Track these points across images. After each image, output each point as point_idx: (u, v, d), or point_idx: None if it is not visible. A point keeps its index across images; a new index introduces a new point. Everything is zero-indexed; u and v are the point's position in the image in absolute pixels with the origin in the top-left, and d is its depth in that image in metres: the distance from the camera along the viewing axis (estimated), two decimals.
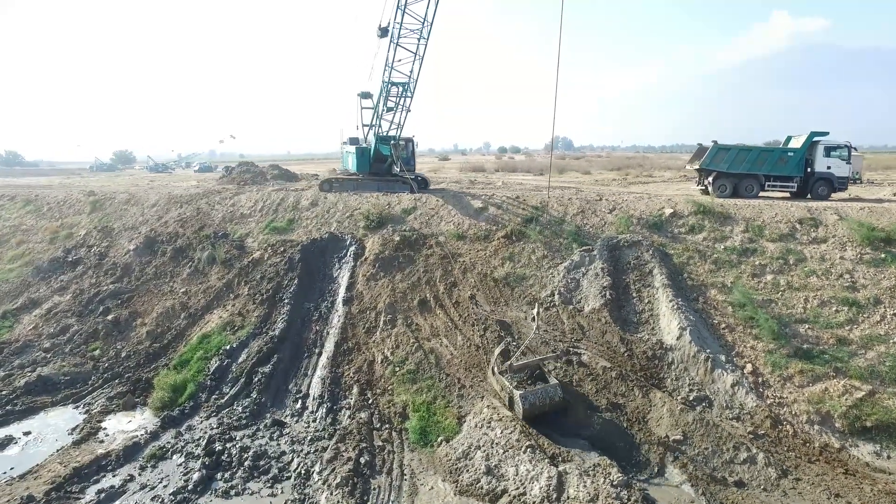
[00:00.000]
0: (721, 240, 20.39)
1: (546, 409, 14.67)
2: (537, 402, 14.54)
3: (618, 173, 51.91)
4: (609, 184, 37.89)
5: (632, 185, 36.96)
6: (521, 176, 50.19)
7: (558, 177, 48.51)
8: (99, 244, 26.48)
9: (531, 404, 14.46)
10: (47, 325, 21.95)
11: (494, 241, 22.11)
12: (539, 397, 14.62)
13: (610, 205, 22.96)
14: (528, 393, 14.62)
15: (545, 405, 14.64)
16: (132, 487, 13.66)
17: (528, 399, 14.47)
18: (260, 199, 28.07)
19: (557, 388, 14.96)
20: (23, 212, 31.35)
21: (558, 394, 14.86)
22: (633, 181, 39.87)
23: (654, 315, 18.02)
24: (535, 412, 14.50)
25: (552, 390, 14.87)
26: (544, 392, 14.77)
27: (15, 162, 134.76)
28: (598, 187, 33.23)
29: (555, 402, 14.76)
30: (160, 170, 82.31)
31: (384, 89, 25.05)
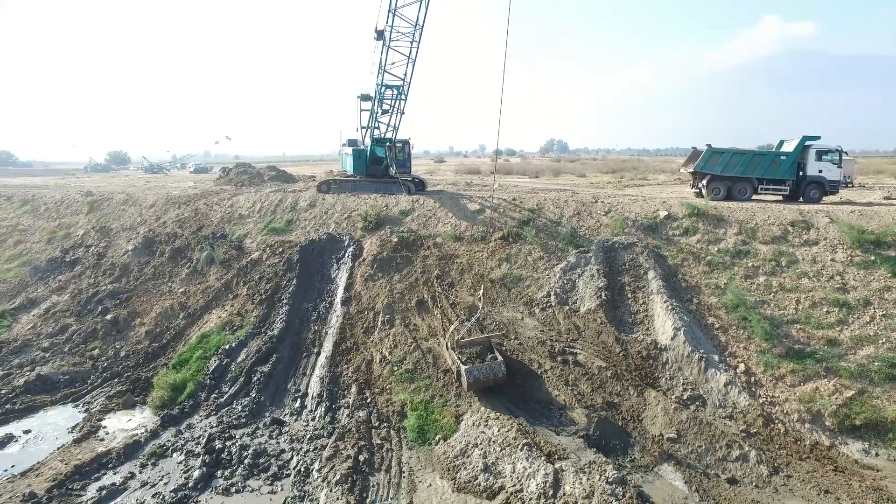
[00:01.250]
0: (715, 242, 20.71)
1: (490, 384, 15.93)
2: (481, 377, 15.78)
3: (612, 176, 52.28)
4: (604, 186, 38.19)
5: (626, 187, 37.27)
6: (515, 179, 50.45)
7: (554, 179, 48.86)
8: (97, 244, 26.55)
9: (475, 378, 15.73)
10: (46, 324, 22.01)
11: (491, 242, 22.36)
12: (483, 372, 15.84)
13: (605, 207, 23.25)
14: (472, 368, 15.86)
15: (489, 379, 15.85)
16: (133, 485, 13.78)
17: (472, 373, 15.75)
18: (258, 200, 28.21)
19: (501, 365, 16.00)
20: (20, 212, 31.35)
21: (501, 370, 15.93)
22: (627, 184, 40.19)
23: (649, 316, 18.30)
24: (479, 385, 15.84)
25: (496, 367, 15.96)
26: (489, 368, 15.95)
27: (8, 162, 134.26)
28: (593, 190, 33.54)
29: (498, 378, 15.88)
30: (155, 170, 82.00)
31: (379, 92, 25.28)
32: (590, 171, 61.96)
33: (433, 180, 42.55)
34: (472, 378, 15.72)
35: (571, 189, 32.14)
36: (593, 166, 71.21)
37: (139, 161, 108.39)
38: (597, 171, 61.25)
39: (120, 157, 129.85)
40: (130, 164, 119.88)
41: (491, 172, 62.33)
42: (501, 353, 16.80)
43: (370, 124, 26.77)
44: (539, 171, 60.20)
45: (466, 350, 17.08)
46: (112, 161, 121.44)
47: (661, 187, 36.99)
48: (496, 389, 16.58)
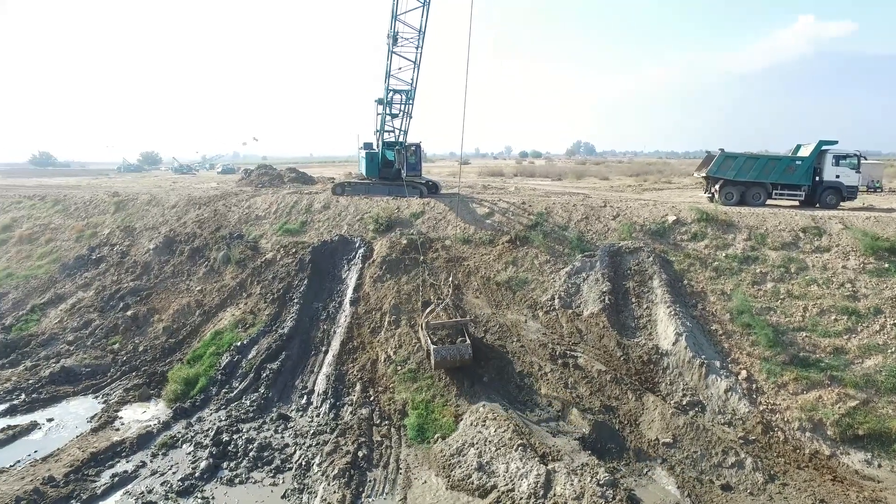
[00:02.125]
0: (723, 247, 20.57)
1: (457, 364, 17.02)
2: (448, 357, 16.90)
3: (636, 179, 51.71)
4: (623, 190, 37.95)
5: (646, 191, 37.00)
6: (538, 181, 50.34)
7: (576, 182, 48.51)
8: (121, 243, 27.68)
9: (442, 357, 16.87)
10: (71, 319, 23.10)
11: (499, 245, 22.60)
12: (450, 353, 16.95)
13: (614, 211, 23.27)
14: (440, 348, 17.00)
15: (455, 360, 16.96)
16: (143, 473, 14.49)
17: (440, 353, 16.88)
18: (275, 201, 29.00)
19: (468, 348, 17.05)
20: (52, 211, 32.83)
21: (468, 352, 16.97)
22: (648, 187, 39.82)
23: (652, 320, 18.31)
24: (446, 364, 17.03)
25: (463, 349, 17.02)
26: (455, 349, 17.03)
27: (47, 163, 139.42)
28: (609, 193, 33.43)
29: (464, 359, 16.96)
30: (184, 171, 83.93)
31: (387, 96, 25.75)
32: (614, 173, 61.38)
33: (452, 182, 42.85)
34: (439, 357, 16.85)
35: (584, 193, 32.09)
36: (618, 169, 70.55)
37: (170, 162, 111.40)
38: (621, 174, 60.63)
39: (152, 158, 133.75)
40: (161, 164, 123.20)
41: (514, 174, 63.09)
42: (471, 337, 17.79)
43: (381, 128, 27.26)
44: (562, 173, 59.97)
45: (440, 332, 18.16)
46: (144, 161, 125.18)
47: (681, 191, 36.64)
48: (500, 390, 16.92)
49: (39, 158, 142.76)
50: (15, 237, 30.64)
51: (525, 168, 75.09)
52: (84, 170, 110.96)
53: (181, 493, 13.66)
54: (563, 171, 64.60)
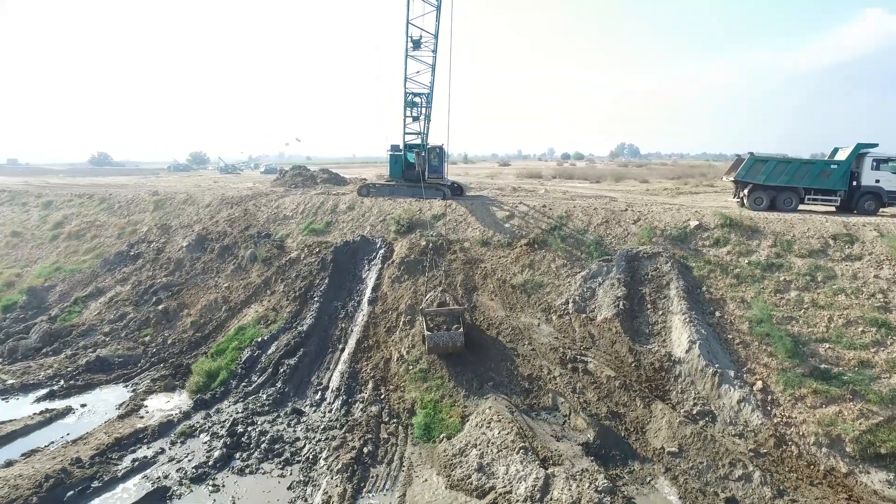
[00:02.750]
0: (746, 254, 19.95)
1: (449, 350, 18.02)
2: (440, 343, 17.93)
3: (676, 182, 50.21)
4: (658, 193, 37.01)
5: (681, 194, 36.05)
6: (576, 183, 49.59)
7: (614, 185, 47.58)
8: (157, 240, 29.09)
9: (436, 343, 17.93)
10: (109, 311, 24.47)
11: (517, 248, 22.61)
12: (443, 339, 17.96)
13: (635, 216, 22.90)
14: (433, 335, 18.01)
15: (448, 346, 17.96)
16: (161, 459, 15.29)
17: (433, 339, 17.94)
18: (302, 202, 29.85)
19: (461, 336, 17.97)
20: (98, 209, 34.79)
21: (460, 340, 17.92)
22: (686, 191, 38.59)
23: (667, 327, 17.97)
24: (439, 350, 18.07)
25: (456, 336, 17.96)
26: (448, 336, 18.00)
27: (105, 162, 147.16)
28: (640, 197, 32.77)
29: (457, 346, 17.90)
30: (230, 171, 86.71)
31: (406, 100, 26.10)
32: (654, 176, 59.78)
33: (486, 184, 42.95)
34: (432, 343, 17.97)
35: (612, 196, 31.59)
36: (660, 172, 68.81)
37: (216, 162, 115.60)
38: (661, 177, 58.96)
39: (200, 158, 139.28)
40: (209, 164, 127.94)
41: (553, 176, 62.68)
42: (465, 325, 18.80)
43: (403, 131, 27.70)
44: (601, 175, 58.99)
45: (438, 319, 19.13)
46: (193, 161, 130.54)
47: (718, 195, 35.44)
48: (508, 393, 17.03)
49: (98, 159, 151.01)
50: (65, 233, 32.65)
51: (564, 170, 74.27)
52: (137, 169, 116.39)
53: (194, 479, 14.37)
54: (603, 173, 63.57)
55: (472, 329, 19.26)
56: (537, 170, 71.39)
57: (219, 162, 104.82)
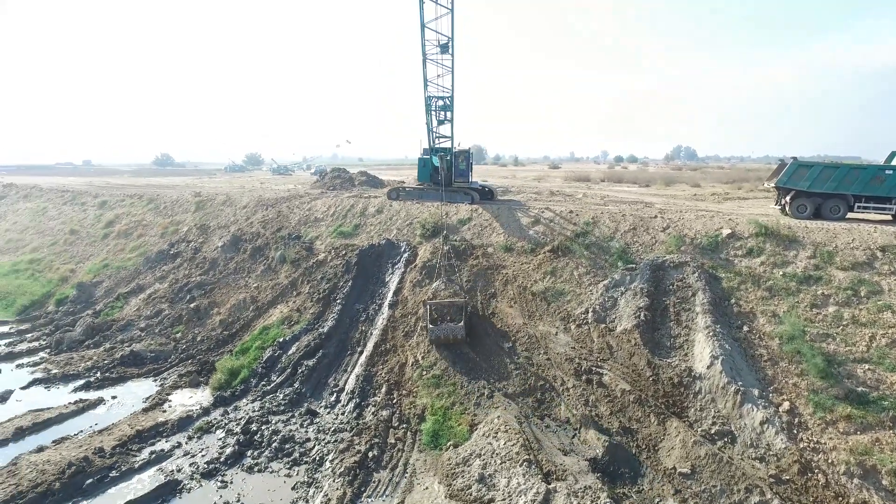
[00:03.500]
0: (781, 265, 18.77)
1: (450, 341, 18.88)
2: (441, 336, 18.86)
3: (729, 187, 47.83)
4: (705, 198, 35.32)
5: (727, 200, 34.38)
6: (623, 187, 48.07)
7: (663, 189, 45.83)
8: (196, 240, 30.34)
9: (437, 336, 18.89)
10: (147, 307, 25.70)
11: (539, 255, 22.18)
12: (444, 332, 18.87)
13: (665, 223, 22.00)
14: (436, 328, 18.96)
15: (449, 338, 18.85)
16: (177, 453, 15.89)
17: (434, 332, 18.90)
18: (333, 204, 30.40)
19: (462, 329, 18.86)
20: (145, 209, 36.68)
21: (461, 332, 18.82)
22: (734, 196, 36.66)
23: (690, 341, 17.14)
24: (440, 342, 18.95)
25: (457, 329, 18.85)
26: (449, 329, 18.92)
27: (167, 163, 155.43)
28: (683, 202, 31.46)
29: (458, 338, 18.84)
30: (282, 172, 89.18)
31: (428, 104, 26.04)
32: (708, 180, 57.12)
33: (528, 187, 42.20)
34: (434, 336, 18.95)
35: (645, 202, 30.49)
36: (714, 175, 65.81)
37: (269, 163, 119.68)
38: (715, 181, 56.27)
39: (255, 159, 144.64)
40: (263, 165, 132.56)
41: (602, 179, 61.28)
42: (468, 317, 19.56)
43: (429, 135, 27.71)
44: (651, 179, 57.02)
45: (442, 311, 19.85)
46: (248, 162, 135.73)
47: (768, 201, 33.58)
48: (520, 403, 16.74)
49: (161, 160, 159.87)
50: (115, 232, 34.58)
51: (614, 173, 72.26)
52: (196, 169, 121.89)
53: (205, 474, 14.85)
54: (653, 177, 61.44)
55: (482, 322, 19.83)
56: (586, 173, 69.89)
57: (271, 163, 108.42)
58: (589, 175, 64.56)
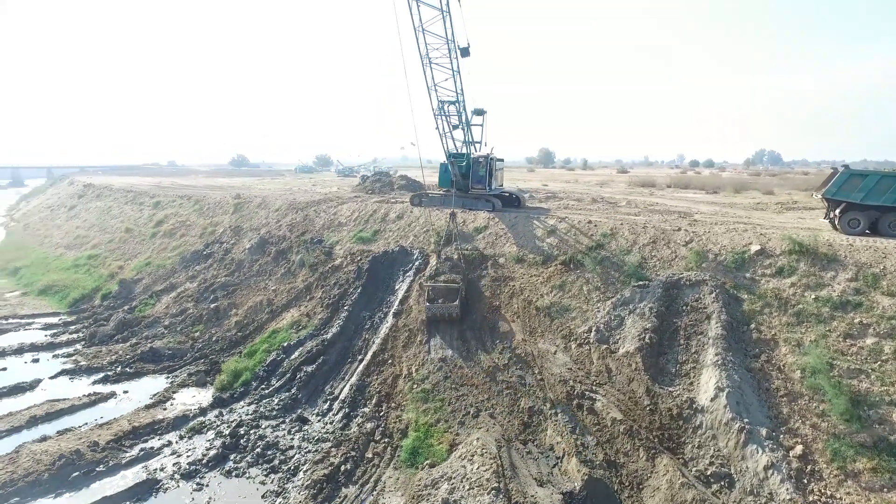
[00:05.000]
0: (815, 287, 16.68)
1: (445, 318, 20.00)
2: (437, 314, 20.04)
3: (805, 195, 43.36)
4: (766, 207, 32.27)
5: (791, 210, 31.32)
6: (687, 194, 45.13)
7: (731, 196, 42.47)
8: (228, 241, 31.47)
9: (433, 314, 20.11)
10: (174, 306, 26.90)
11: (550, 267, 21.08)
12: (439, 310, 20.01)
13: (688, 236, 20.24)
14: (432, 306, 20.16)
15: (444, 316, 19.99)
16: (165, 451, 16.33)
17: (431, 310, 20.14)
18: (357, 209, 30.56)
19: (456, 308, 19.86)
20: (191, 210, 38.60)
21: (456, 311, 19.86)
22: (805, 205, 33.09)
23: (697, 368, 15.56)
24: (436, 319, 20.13)
25: (452, 308, 19.88)
26: (444, 308, 19.98)
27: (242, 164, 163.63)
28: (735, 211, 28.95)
29: (452, 317, 19.91)
30: (347, 173, 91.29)
31: (440, 109, 25.40)
32: (786, 187, 52.03)
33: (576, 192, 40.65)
34: (429, 313, 20.17)
35: (689, 211, 28.33)
36: (794, 182, 60.21)
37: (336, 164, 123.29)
38: (793, 188, 51.04)
39: (325, 160, 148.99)
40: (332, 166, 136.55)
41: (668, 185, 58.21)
42: (462, 298, 20.35)
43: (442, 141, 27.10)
44: (721, 186, 53.20)
45: (440, 292, 20.68)
46: (318, 163, 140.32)
47: None
48: (505, 425, 15.89)
49: (236, 160, 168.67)
50: (161, 231, 36.64)
51: (681, 179, 68.12)
52: (269, 170, 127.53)
53: (185, 475, 15.14)
54: (724, 183, 57.37)
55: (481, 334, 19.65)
56: (651, 178, 66.47)
57: (337, 164, 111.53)
58: (654, 180, 61.33)
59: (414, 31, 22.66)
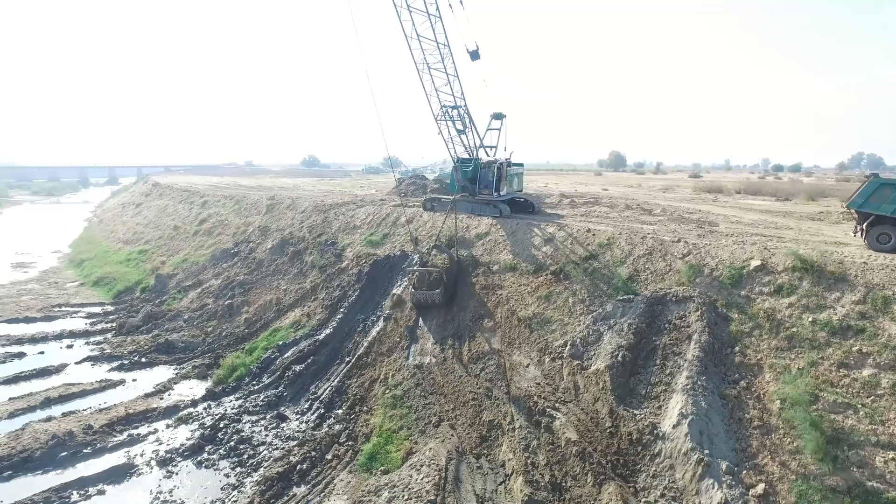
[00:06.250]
0: (814, 309, 15.12)
1: (429, 304, 20.88)
2: (422, 300, 20.94)
3: None
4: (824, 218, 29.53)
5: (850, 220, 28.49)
6: (756, 200, 42.07)
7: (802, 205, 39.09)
8: (255, 241, 33.00)
9: (417, 300, 21.05)
10: (197, 301, 28.58)
11: (541, 277, 20.47)
12: (423, 296, 20.86)
13: (686, 248, 18.95)
14: (416, 292, 21.02)
15: (428, 301, 20.83)
16: (150, 438, 17.42)
17: (415, 296, 21.05)
18: (373, 212, 31.07)
19: (438, 294, 20.62)
20: (230, 210, 40.82)
21: (438, 297, 20.57)
22: None
23: (668, 392, 14.57)
24: (420, 305, 21.08)
25: (435, 295, 20.65)
26: (428, 294, 20.77)
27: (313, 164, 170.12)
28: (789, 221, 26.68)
29: (435, 301, 20.68)
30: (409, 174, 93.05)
31: (445, 113, 25.14)
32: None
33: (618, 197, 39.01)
34: (414, 299, 21.06)
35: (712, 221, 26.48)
36: None
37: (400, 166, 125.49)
38: None
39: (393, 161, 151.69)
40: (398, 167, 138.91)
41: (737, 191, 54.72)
42: (445, 284, 20.96)
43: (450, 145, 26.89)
44: (794, 193, 49.26)
45: (426, 277, 21.59)
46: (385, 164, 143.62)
47: None
48: (464, 437, 15.66)
49: (307, 161, 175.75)
50: (202, 230, 39.03)
51: (751, 184, 63.53)
52: (337, 171, 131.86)
53: (160, 462, 16.12)
54: (801, 189, 53.01)
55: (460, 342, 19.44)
56: (719, 184, 62.65)
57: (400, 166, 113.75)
58: (722, 186, 57.69)
59: (405, 38, 22.64)
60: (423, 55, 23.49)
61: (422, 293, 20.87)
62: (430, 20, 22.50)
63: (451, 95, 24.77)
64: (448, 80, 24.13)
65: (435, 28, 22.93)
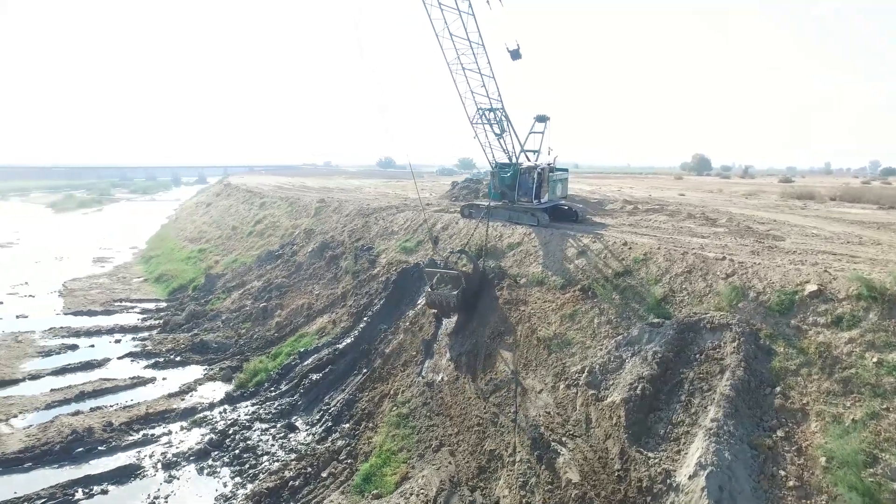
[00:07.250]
0: (881, 348, 12.59)
1: (443, 307, 20.01)
2: (436, 301, 20.03)
3: None
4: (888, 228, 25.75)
5: None
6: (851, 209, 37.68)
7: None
8: (299, 244, 33.47)
9: (431, 301, 20.21)
10: (237, 302, 29.31)
11: (568, 293, 18.89)
12: (438, 297, 19.96)
13: (731, 267, 16.65)
14: (431, 293, 20.17)
15: (442, 304, 19.92)
16: (163, 440, 17.75)
17: (430, 296, 20.23)
18: (411, 218, 30.49)
19: (454, 297, 19.54)
20: (283, 211, 41.87)
21: (453, 300, 19.58)
22: None
23: (691, 434, 12.70)
24: (434, 306, 20.32)
25: (450, 297, 19.61)
26: (443, 295, 19.82)
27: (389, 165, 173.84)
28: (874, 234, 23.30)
29: (450, 305, 19.75)
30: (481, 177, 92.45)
31: (482, 117, 23.89)
32: None
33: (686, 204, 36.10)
34: (428, 300, 20.41)
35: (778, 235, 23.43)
36: None
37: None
38: None
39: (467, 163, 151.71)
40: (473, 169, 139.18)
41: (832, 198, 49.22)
42: (461, 291, 19.81)
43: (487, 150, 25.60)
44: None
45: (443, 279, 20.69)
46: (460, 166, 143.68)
47: None
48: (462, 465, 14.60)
49: (383, 162, 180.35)
50: (256, 231, 40.30)
51: (849, 191, 56.72)
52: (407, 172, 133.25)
53: (165, 465, 16.33)
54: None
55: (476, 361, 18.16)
56: (811, 190, 56.69)
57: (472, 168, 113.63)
58: (814, 192, 52.00)
59: (436, 37, 21.70)
60: (456, 55, 22.51)
61: (436, 294, 19.94)
62: (461, 17, 21.48)
63: (486, 97, 23.62)
64: (483, 81, 22.99)
65: (467, 26, 21.86)
